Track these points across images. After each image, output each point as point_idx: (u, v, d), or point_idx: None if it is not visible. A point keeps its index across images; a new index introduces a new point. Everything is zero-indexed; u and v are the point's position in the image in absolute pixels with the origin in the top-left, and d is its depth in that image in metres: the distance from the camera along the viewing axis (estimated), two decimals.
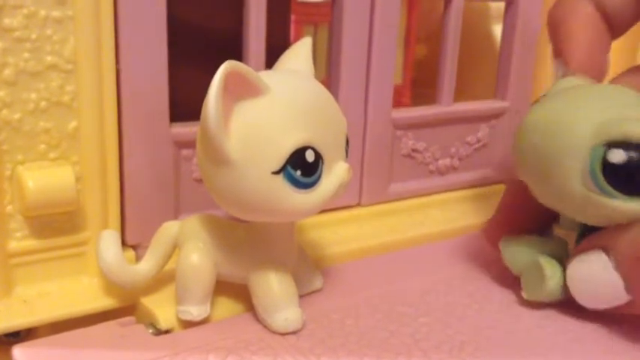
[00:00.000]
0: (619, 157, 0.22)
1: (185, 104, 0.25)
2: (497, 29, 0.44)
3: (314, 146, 0.22)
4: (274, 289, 0.24)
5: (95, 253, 0.25)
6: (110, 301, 0.26)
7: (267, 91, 0.22)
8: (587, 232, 0.25)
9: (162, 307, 0.25)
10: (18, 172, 0.24)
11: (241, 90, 0.21)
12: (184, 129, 0.28)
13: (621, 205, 0.23)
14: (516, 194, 0.28)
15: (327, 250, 0.31)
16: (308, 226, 0.32)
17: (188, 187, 0.29)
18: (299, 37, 0.32)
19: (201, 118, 0.21)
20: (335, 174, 0.23)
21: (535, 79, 0.39)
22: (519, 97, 0.38)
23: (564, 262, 0.26)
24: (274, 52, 0.27)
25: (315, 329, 0.25)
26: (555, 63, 0.28)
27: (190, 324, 0.25)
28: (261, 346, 0.23)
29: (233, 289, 0.26)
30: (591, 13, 0.28)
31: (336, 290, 0.28)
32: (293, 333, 0.24)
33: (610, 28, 0.28)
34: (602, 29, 0.28)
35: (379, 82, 0.33)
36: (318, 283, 0.27)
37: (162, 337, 0.24)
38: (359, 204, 0.34)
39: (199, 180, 0.29)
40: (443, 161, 0.37)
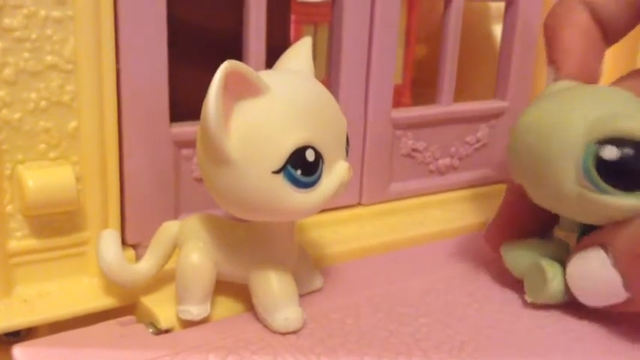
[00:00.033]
0: (612, 153, 0.22)
1: (185, 104, 0.25)
2: (497, 29, 0.44)
3: (314, 146, 0.22)
4: (274, 288, 0.24)
5: (95, 252, 0.25)
6: (110, 301, 0.26)
7: (267, 91, 0.22)
8: (587, 232, 0.25)
9: (163, 307, 0.25)
10: (18, 172, 0.24)
11: (241, 89, 0.21)
12: (184, 129, 0.28)
13: (616, 201, 0.23)
14: (516, 197, 0.28)
15: (327, 250, 0.31)
16: (308, 226, 0.32)
17: (188, 186, 0.29)
18: (299, 37, 0.32)
19: (202, 117, 0.21)
20: (335, 173, 0.23)
21: (535, 79, 0.39)
22: (519, 97, 0.38)
23: (566, 263, 0.26)
24: (274, 52, 0.27)
25: (315, 329, 0.25)
26: (548, 70, 0.28)
27: (190, 323, 0.25)
28: (261, 346, 0.23)
29: (233, 288, 0.26)
30: (586, 20, 0.28)
31: (336, 290, 0.28)
32: (293, 332, 0.24)
33: (605, 36, 0.28)
34: (596, 37, 0.28)
35: (379, 82, 0.33)
36: (318, 282, 0.27)
37: (162, 337, 0.24)
38: (359, 203, 0.34)
39: (199, 180, 0.29)
40: (443, 161, 0.37)
